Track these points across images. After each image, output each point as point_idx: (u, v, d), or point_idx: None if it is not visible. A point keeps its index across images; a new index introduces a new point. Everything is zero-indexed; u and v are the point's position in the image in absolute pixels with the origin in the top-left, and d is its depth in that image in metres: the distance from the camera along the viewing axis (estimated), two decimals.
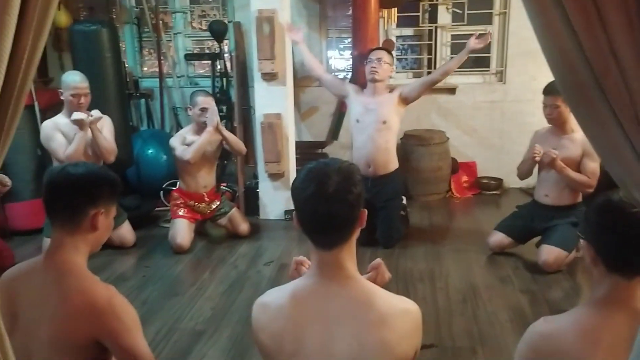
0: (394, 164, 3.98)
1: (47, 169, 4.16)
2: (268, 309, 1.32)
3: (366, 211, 1.31)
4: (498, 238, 3.68)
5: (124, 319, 1.38)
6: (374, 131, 3.86)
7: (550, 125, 3.48)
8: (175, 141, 3.98)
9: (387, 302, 1.28)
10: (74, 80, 3.62)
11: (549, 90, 3.33)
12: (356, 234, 1.32)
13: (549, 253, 3.38)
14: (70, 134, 3.64)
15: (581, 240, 1.39)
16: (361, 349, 1.22)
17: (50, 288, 1.37)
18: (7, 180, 3.32)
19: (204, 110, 3.91)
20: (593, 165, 3.29)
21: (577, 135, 3.32)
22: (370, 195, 3.86)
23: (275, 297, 1.34)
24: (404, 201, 4.09)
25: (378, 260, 1.68)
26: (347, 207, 1.24)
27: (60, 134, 3.64)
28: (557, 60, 0.80)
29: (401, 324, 1.25)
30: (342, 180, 1.24)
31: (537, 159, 3.36)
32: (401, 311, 1.27)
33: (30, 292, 1.40)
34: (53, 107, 4.74)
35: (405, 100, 3.89)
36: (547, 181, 3.52)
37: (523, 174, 3.64)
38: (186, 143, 3.96)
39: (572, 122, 3.34)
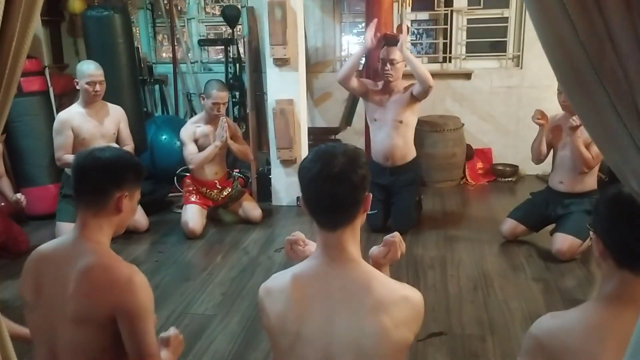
0: (412, 154, 3.99)
1: None
2: (272, 292, 1.35)
3: (371, 195, 1.33)
4: (511, 226, 3.64)
5: (139, 299, 1.41)
6: (391, 129, 3.87)
7: (564, 112, 3.42)
8: (185, 135, 3.99)
9: (386, 288, 1.28)
10: (88, 68, 3.64)
11: None
12: (360, 218, 1.34)
13: (563, 241, 3.33)
14: (84, 127, 3.67)
15: (591, 233, 1.34)
16: (359, 332, 1.23)
17: (73, 266, 1.41)
18: (22, 199, 3.45)
19: (216, 104, 3.92)
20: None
21: None
22: (387, 182, 3.87)
23: (278, 280, 1.37)
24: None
25: (395, 235, 1.65)
26: (351, 187, 1.26)
27: (70, 131, 3.65)
28: (552, 46, 0.77)
29: (400, 310, 1.25)
30: (348, 161, 1.26)
31: (538, 122, 3.42)
32: (401, 297, 1.27)
33: (54, 269, 1.45)
34: (68, 93, 4.79)
35: (417, 99, 3.84)
36: (562, 168, 3.47)
37: (535, 153, 3.56)
38: (196, 138, 3.99)
39: None
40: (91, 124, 3.70)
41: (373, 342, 1.23)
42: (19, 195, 3.46)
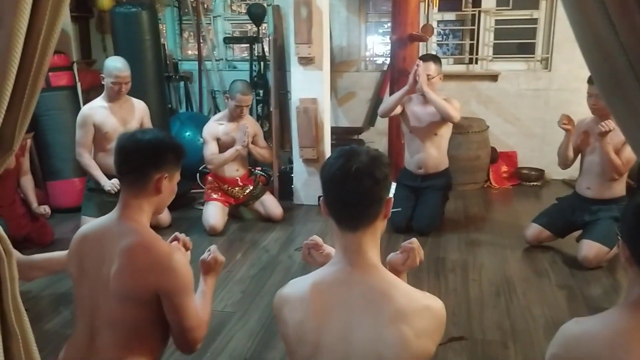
0: (444, 164, 3.99)
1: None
2: (290, 300, 1.33)
3: (392, 200, 1.32)
4: (536, 231, 3.57)
5: (179, 277, 1.47)
6: (427, 140, 3.87)
7: (594, 115, 3.34)
8: (207, 133, 4.02)
9: (407, 297, 1.26)
10: (115, 67, 3.61)
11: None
12: (381, 222, 1.32)
13: (590, 248, 3.26)
14: (107, 121, 3.67)
15: (620, 239, 1.32)
16: (379, 342, 1.21)
17: (116, 245, 1.46)
18: (47, 212, 3.63)
19: (239, 107, 3.94)
20: (630, 154, 3.16)
21: None
22: (417, 186, 3.91)
23: (297, 288, 1.35)
24: None
25: (414, 241, 1.64)
26: (374, 184, 1.25)
27: (91, 127, 3.66)
28: (590, 48, 0.75)
29: (421, 320, 1.23)
30: (371, 159, 1.27)
31: (565, 127, 3.35)
32: (422, 307, 1.25)
33: (97, 248, 1.50)
34: (95, 89, 4.84)
35: None
36: (590, 173, 3.39)
37: (562, 158, 3.49)
38: (218, 136, 4.01)
39: None
40: (114, 118, 3.71)
41: (393, 352, 1.21)
42: (42, 208, 3.59)
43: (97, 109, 3.71)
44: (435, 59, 3.81)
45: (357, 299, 1.25)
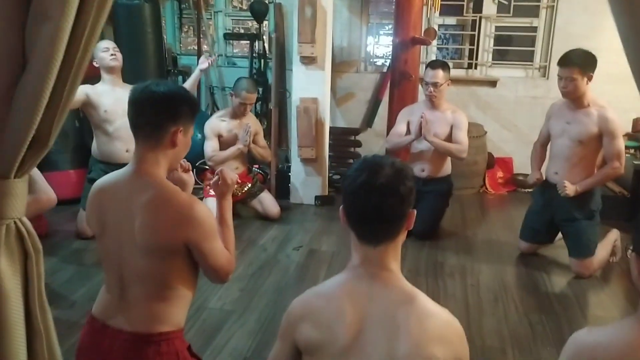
0: (448, 170, 3.99)
1: (84, 140, 4.22)
2: (309, 312, 1.27)
3: (415, 212, 1.28)
4: (525, 245, 3.64)
5: (204, 225, 1.48)
6: (430, 135, 3.84)
7: (564, 98, 3.31)
8: (209, 129, 4.00)
9: (429, 310, 1.23)
10: (101, 41, 3.63)
11: (564, 62, 3.18)
12: (403, 235, 1.28)
13: (579, 265, 3.32)
14: (104, 98, 3.55)
15: (628, 252, 1.33)
16: (395, 355, 1.18)
17: (136, 199, 1.46)
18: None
19: (243, 105, 3.93)
20: (617, 146, 3.16)
21: (593, 110, 3.18)
22: (418, 189, 3.86)
23: (316, 303, 1.28)
24: None
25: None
26: (398, 199, 1.21)
27: (83, 96, 3.50)
28: (632, 41, 0.74)
29: (441, 332, 1.20)
30: (395, 172, 1.22)
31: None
32: (444, 323, 1.23)
33: (117, 203, 1.50)
34: (93, 80, 4.79)
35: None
36: (558, 157, 3.38)
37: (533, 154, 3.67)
38: (220, 133, 3.99)
39: (589, 96, 3.20)
40: (112, 97, 3.56)
41: None
42: None
43: (95, 87, 3.57)
44: (444, 66, 3.79)
45: (377, 313, 1.22)
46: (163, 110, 1.48)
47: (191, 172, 1.77)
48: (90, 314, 1.57)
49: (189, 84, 3.82)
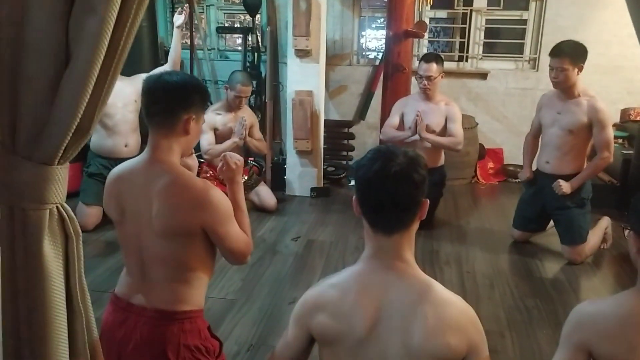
0: (441, 161, 4.05)
1: None
2: (327, 307, 1.28)
3: (428, 202, 1.28)
4: (517, 233, 3.73)
5: (219, 209, 1.52)
6: (425, 132, 3.87)
7: (554, 89, 3.39)
8: (204, 124, 4.01)
9: (444, 300, 1.25)
10: None
11: (556, 53, 3.25)
12: (416, 224, 1.29)
13: (571, 252, 3.41)
14: (113, 99, 3.50)
15: (626, 231, 1.40)
16: (411, 344, 1.21)
17: (153, 185, 1.51)
18: None
19: (238, 97, 3.97)
20: (606, 135, 3.24)
21: (583, 100, 3.26)
22: None
23: (330, 295, 1.29)
24: None
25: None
26: (412, 186, 1.22)
27: None
28: None
29: (457, 321, 1.23)
30: (409, 160, 1.23)
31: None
32: (458, 311, 1.25)
33: (134, 189, 1.54)
34: None
35: None
36: (549, 146, 3.46)
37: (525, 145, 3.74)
38: (216, 127, 4.03)
39: (579, 87, 3.28)
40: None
41: (425, 351, 1.20)
42: None
43: None
44: (438, 59, 3.84)
45: (392, 302, 1.24)
46: (176, 98, 1.53)
47: (194, 155, 1.81)
48: (113, 294, 1.62)
49: (173, 47, 3.82)
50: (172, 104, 1.52)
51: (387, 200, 1.23)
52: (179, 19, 3.79)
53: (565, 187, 3.32)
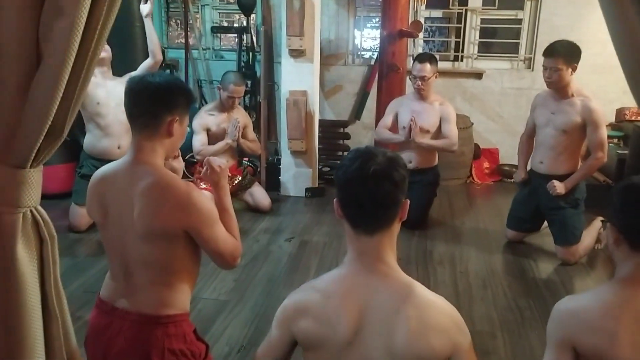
0: (435, 161, 4.04)
1: (74, 135, 4.21)
2: (309, 311, 1.27)
3: (408, 202, 1.29)
4: (511, 234, 3.72)
5: (202, 212, 1.51)
6: (419, 137, 3.88)
7: (548, 89, 3.38)
8: (197, 124, 4.01)
9: (427, 302, 1.25)
10: None
11: (550, 52, 3.24)
12: (397, 225, 1.29)
13: (565, 253, 3.40)
14: (97, 90, 3.56)
15: (607, 224, 1.42)
16: (394, 347, 1.21)
17: (135, 187, 1.49)
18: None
19: (231, 98, 3.96)
20: (600, 135, 3.22)
21: (577, 101, 3.25)
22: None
23: (312, 299, 1.28)
24: None
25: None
26: (392, 185, 1.22)
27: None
28: (627, 56, 0.80)
29: (438, 322, 1.23)
30: (388, 160, 1.24)
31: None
32: (441, 313, 1.24)
33: (117, 191, 1.53)
34: None
35: None
36: (543, 146, 3.45)
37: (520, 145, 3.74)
38: (209, 127, 4.01)
39: (573, 87, 3.27)
40: (104, 90, 3.59)
41: (408, 354, 1.20)
42: None
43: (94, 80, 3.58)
44: (432, 60, 3.84)
45: (375, 306, 1.23)
46: (159, 100, 1.51)
47: (180, 158, 1.79)
48: (98, 298, 1.61)
49: (149, 38, 3.73)
50: (155, 105, 1.51)
51: (367, 199, 1.23)
52: (145, 7, 3.69)
53: (559, 187, 3.31)
